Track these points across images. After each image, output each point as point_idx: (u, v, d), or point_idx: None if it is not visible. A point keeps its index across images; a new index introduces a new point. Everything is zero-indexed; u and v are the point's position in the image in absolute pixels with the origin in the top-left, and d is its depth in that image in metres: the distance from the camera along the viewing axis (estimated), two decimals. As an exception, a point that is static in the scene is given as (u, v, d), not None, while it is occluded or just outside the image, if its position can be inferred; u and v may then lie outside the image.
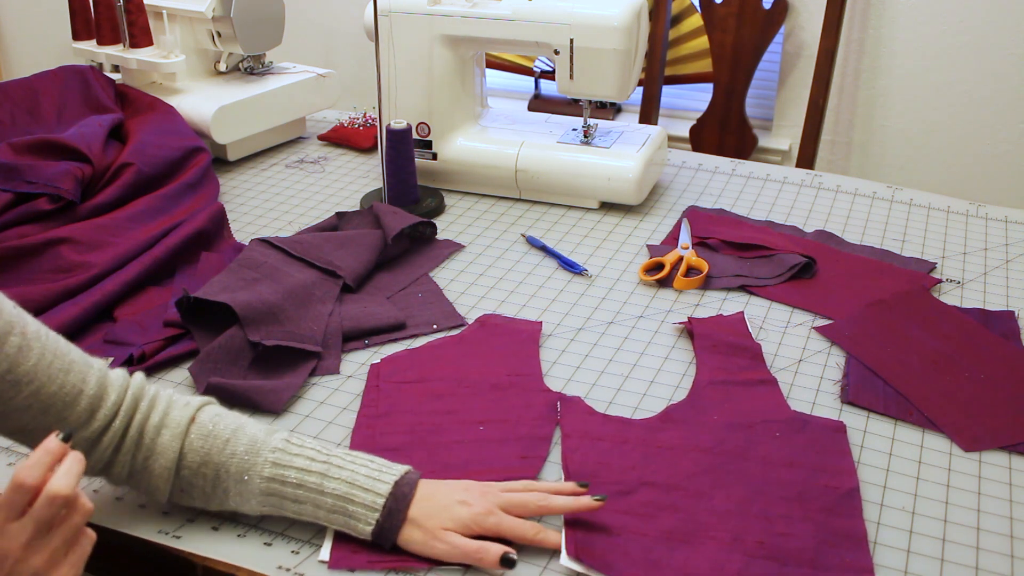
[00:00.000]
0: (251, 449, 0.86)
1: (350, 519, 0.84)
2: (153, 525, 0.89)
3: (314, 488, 0.85)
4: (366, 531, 0.84)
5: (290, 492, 0.85)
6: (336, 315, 1.18)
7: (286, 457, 0.85)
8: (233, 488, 0.86)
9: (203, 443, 0.86)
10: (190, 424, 0.86)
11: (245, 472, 0.85)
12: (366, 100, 2.64)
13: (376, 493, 0.84)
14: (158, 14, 1.65)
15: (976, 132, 2.29)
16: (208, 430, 0.86)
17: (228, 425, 0.87)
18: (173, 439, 0.85)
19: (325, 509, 0.85)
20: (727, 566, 0.83)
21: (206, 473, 0.86)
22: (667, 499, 0.90)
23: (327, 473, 0.85)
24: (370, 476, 0.85)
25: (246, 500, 0.86)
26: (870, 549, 0.86)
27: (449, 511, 0.85)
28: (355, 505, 0.84)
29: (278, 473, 0.85)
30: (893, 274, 1.30)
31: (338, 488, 0.84)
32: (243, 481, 0.85)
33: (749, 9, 2.33)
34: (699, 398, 1.05)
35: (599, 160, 1.49)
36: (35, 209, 1.29)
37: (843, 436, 0.98)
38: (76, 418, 0.82)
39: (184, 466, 0.86)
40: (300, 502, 0.85)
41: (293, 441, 0.87)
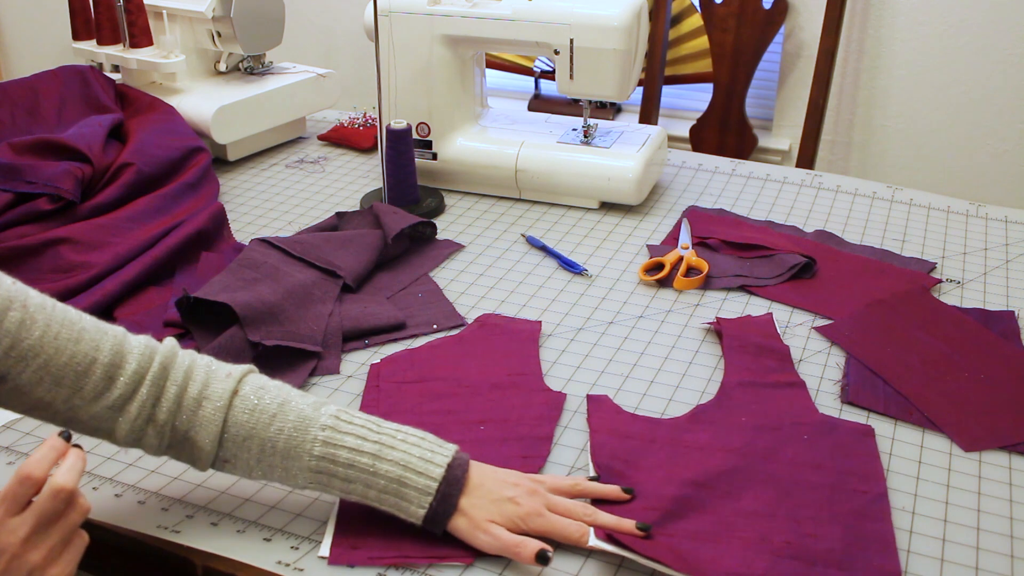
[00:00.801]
0: (299, 426, 0.84)
1: (402, 501, 0.84)
2: (152, 521, 0.89)
3: (366, 469, 0.83)
4: (419, 514, 0.84)
5: (341, 471, 0.83)
6: (336, 315, 1.18)
7: (336, 436, 0.84)
8: (280, 464, 0.84)
9: (248, 417, 0.84)
10: (233, 396, 0.85)
11: (293, 449, 0.83)
12: (366, 100, 2.64)
13: (430, 477, 0.83)
14: (158, 14, 1.65)
15: (976, 132, 2.29)
16: (253, 404, 0.85)
17: (274, 399, 0.85)
18: (216, 412, 0.84)
19: (377, 490, 0.84)
20: (754, 566, 0.83)
21: (251, 447, 0.84)
22: (695, 498, 0.90)
23: (380, 454, 0.84)
24: (423, 459, 0.84)
25: (293, 476, 0.85)
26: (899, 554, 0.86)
27: (499, 506, 0.85)
28: (408, 488, 0.83)
29: (329, 452, 0.83)
30: (893, 274, 1.30)
31: (391, 471, 0.83)
32: (291, 458, 0.84)
33: (749, 9, 2.34)
34: (728, 399, 1.05)
35: (599, 160, 1.49)
36: (35, 209, 1.29)
37: (872, 440, 0.98)
38: (92, 387, 0.81)
39: (228, 439, 0.84)
40: (350, 481, 0.84)
41: (342, 418, 0.85)
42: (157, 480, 0.94)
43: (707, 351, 1.15)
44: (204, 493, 0.93)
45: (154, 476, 0.95)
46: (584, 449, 0.98)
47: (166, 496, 0.92)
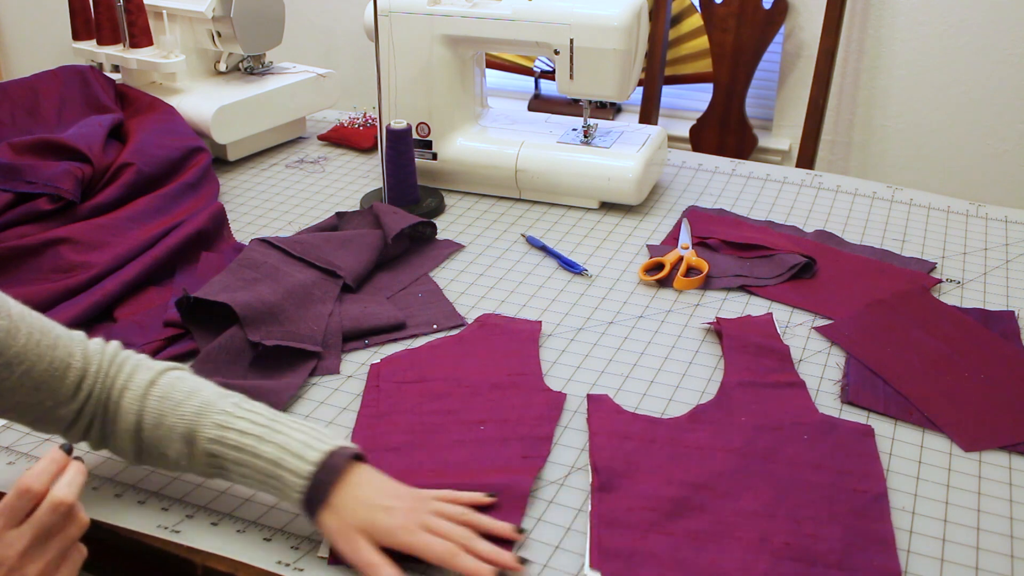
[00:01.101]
0: (201, 411, 0.85)
1: (284, 486, 0.83)
2: (152, 521, 0.89)
3: (250, 450, 0.83)
4: (298, 500, 0.82)
5: (231, 454, 0.84)
6: (336, 315, 1.18)
7: (230, 420, 0.85)
8: (183, 450, 0.85)
9: (159, 404, 0.86)
10: (150, 386, 0.87)
11: (192, 433, 0.85)
12: (366, 100, 2.64)
13: (306, 460, 0.82)
14: (158, 14, 1.65)
15: (976, 132, 2.29)
16: (165, 392, 0.87)
17: (185, 388, 0.87)
18: (133, 401, 0.86)
19: (261, 473, 0.83)
20: (754, 567, 0.83)
21: (160, 435, 0.86)
22: (695, 499, 0.90)
23: (264, 436, 0.84)
24: (304, 443, 0.83)
25: (195, 463, 0.86)
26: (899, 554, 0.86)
27: (370, 513, 0.82)
28: (285, 470, 0.82)
29: (220, 435, 0.84)
30: (893, 274, 1.30)
31: (272, 452, 0.83)
32: (191, 442, 0.85)
33: (749, 9, 2.34)
34: (728, 399, 1.05)
35: (599, 160, 1.49)
36: (35, 209, 1.29)
37: (871, 440, 0.98)
38: (65, 391, 0.85)
39: (143, 427, 0.86)
40: (240, 464, 0.84)
41: (243, 406, 0.86)
42: (157, 480, 0.94)
43: (707, 351, 1.15)
44: (204, 493, 0.93)
45: (154, 476, 0.95)
46: (584, 449, 0.98)
47: (166, 496, 0.92)
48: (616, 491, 0.91)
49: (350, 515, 0.81)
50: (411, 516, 0.82)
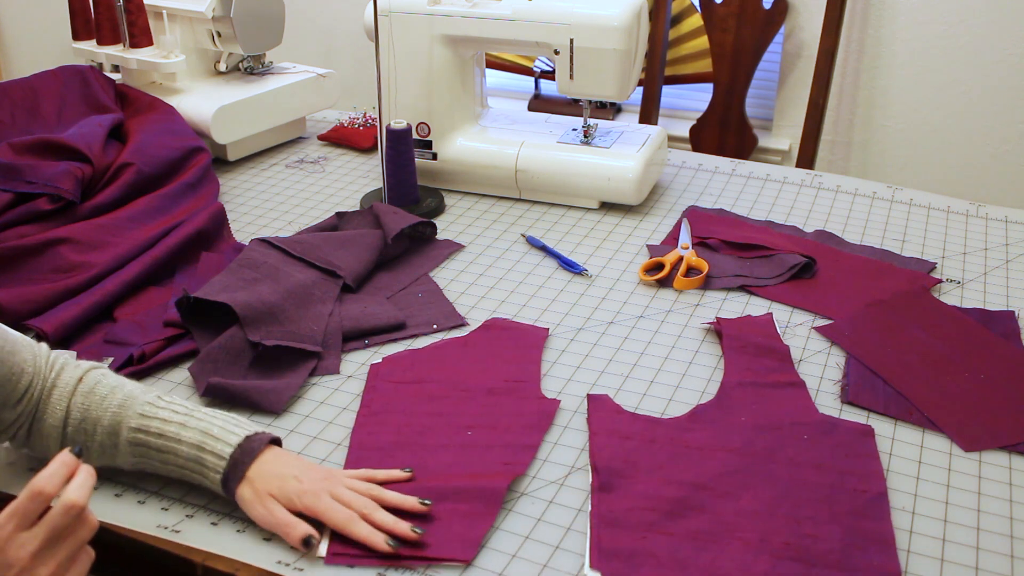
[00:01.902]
0: (124, 404, 0.90)
1: (204, 468, 0.88)
2: (152, 520, 0.89)
3: (172, 437, 0.89)
4: (216, 480, 0.88)
5: (154, 442, 0.89)
6: (336, 315, 1.18)
7: (152, 409, 0.90)
8: (108, 442, 0.90)
9: (84, 400, 0.90)
10: (77, 384, 0.91)
11: (116, 424, 0.89)
12: (366, 100, 2.64)
13: (226, 443, 0.88)
14: (158, 14, 1.65)
15: (976, 132, 2.29)
16: (90, 388, 0.91)
17: (109, 384, 0.92)
18: (61, 399, 0.90)
19: (183, 458, 0.89)
20: (754, 567, 0.83)
21: (86, 429, 0.90)
22: (695, 499, 0.90)
23: (185, 423, 0.89)
24: (224, 428, 0.89)
25: (120, 453, 0.90)
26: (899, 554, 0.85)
27: (281, 480, 0.87)
28: (206, 454, 0.88)
29: (143, 423, 0.89)
30: (893, 274, 1.30)
31: (193, 437, 0.89)
32: (115, 434, 0.90)
33: (749, 9, 2.34)
34: (727, 399, 1.05)
35: (599, 160, 1.49)
36: (35, 209, 1.29)
37: (871, 440, 0.98)
38: (16, 395, 0.88)
39: (69, 423, 0.90)
40: (162, 451, 0.89)
41: (164, 397, 0.92)
42: (157, 480, 0.94)
43: (707, 351, 1.15)
44: (204, 493, 0.92)
45: (154, 476, 0.95)
46: (584, 449, 0.98)
47: (166, 496, 0.92)
48: (616, 491, 0.91)
49: (263, 484, 0.87)
50: (320, 484, 0.88)
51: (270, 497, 0.87)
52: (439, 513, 0.88)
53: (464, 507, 0.89)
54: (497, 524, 0.89)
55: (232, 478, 0.87)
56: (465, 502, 0.89)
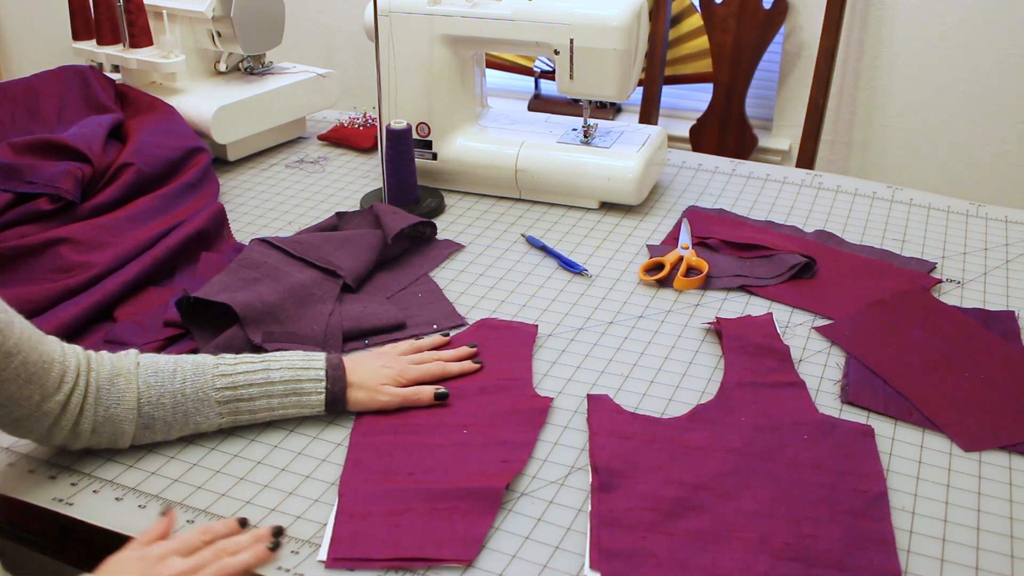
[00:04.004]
0: (197, 371, 0.97)
1: (302, 396, 0.99)
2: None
3: (262, 382, 0.98)
4: (319, 401, 1.00)
5: (243, 393, 0.97)
6: (336, 315, 1.18)
7: (228, 368, 0.98)
8: (192, 408, 0.96)
9: (155, 379, 0.96)
10: (137, 368, 0.96)
11: (200, 390, 0.96)
12: (366, 100, 2.64)
13: (316, 368, 1.00)
14: (158, 14, 1.65)
15: (976, 132, 2.29)
16: (155, 367, 0.96)
17: (167, 360, 0.98)
18: (128, 382, 0.94)
19: (278, 396, 0.98)
20: (754, 567, 0.83)
21: (165, 403, 0.95)
22: (694, 499, 0.90)
23: (269, 367, 0.99)
24: (305, 359, 1.01)
25: (206, 416, 0.97)
26: (899, 554, 0.85)
27: (379, 372, 1.03)
28: (303, 382, 0.99)
29: (228, 381, 0.97)
30: (893, 274, 1.30)
31: (284, 374, 0.99)
32: (200, 399, 0.96)
33: (749, 9, 2.34)
34: (728, 399, 1.04)
35: (599, 160, 1.49)
36: (35, 209, 1.29)
37: (871, 440, 0.98)
38: (52, 383, 0.90)
39: (144, 403, 0.95)
40: (254, 399, 0.98)
41: (227, 358, 1.00)
42: (158, 483, 0.94)
43: (707, 351, 1.15)
44: (205, 497, 0.93)
45: (155, 479, 0.95)
46: (584, 449, 0.98)
47: (167, 500, 0.92)
48: (616, 491, 0.91)
49: (371, 380, 1.02)
50: (401, 362, 1.06)
51: (383, 386, 1.02)
52: (439, 514, 0.88)
53: (464, 507, 0.89)
54: (497, 524, 0.89)
55: (338, 391, 1.00)
56: (465, 502, 0.89)
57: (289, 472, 0.96)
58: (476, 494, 0.90)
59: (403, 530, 0.87)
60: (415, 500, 0.90)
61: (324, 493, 0.93)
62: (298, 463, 0.97)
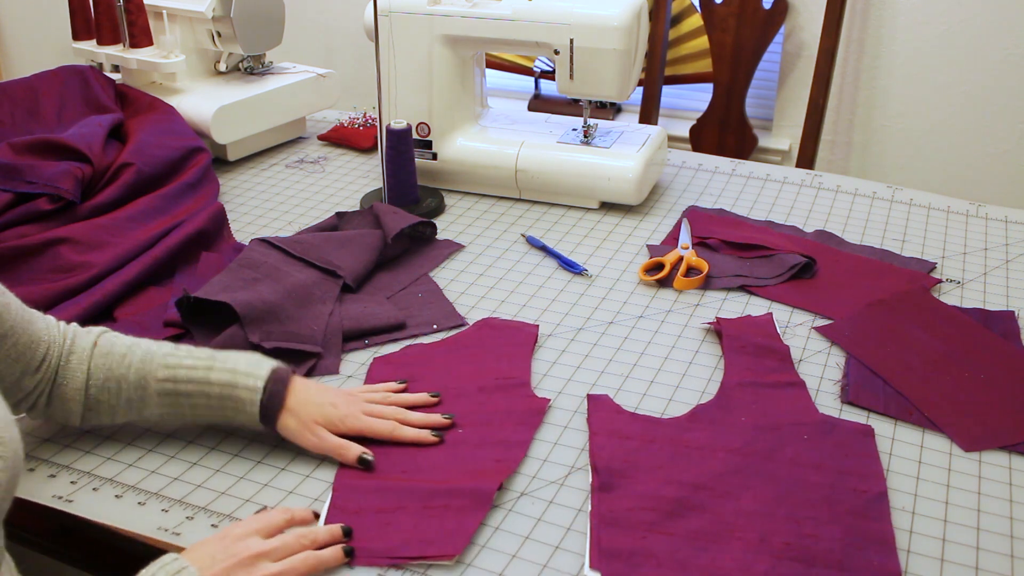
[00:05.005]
0: (145, 358, 0.95)
1: (236, 403, 0.94)
2: (152, 522, 0.89)
3: (201, 380, 0.94)
4: (253, 413, 0.94)
5: (182, 388, 0.94)
6: (336, 315, 1.18)
7: (175, 359, 0.95)
8: (135, 396, 0.94)
9: (105, 360, 0.95)
10: (93, 347, 0.95)
11: (143, 378, 0.94)
12: (366, 100, 2.64)
13: (257, 376, 0.94)
14: (158, 14, 1.65)
15: (976, 132, 2.29)
16: (108, 349, 0.95)
17: (125, 343, 0.96)
18: (80, 362, 0.94)
19: (215, 398, 0.94)
20: (754, 567, 0.83)
21: (110, 387, 0.94)
22: (694, 499, 0.90)
23: (212, 366, 0.94)
24: (249, 364, 0.95)
25: (147, 405, 0.95)
26: (899, 554, 0.85)
27: (321, 408, 0.95)
28: (239, 389, 0.93)
29: (170, 373, 0.94)
30: (893, 274, 1.30)
31: (222, 376, 0.94)
32: (142, 387, 0.94)
33: (749, 9, 2.33)
34: (728, 399, 1.04)
35: (599, 160, 1.49)
36: (35, 209, 1.29)
37: (871, 440, 0.98)
38: (35, 363, 0.92)
39: (91, 385, 0.94)
40: (192, 395, 0.94)
41: (183, 349, 0.97)
42: (158, 481, 0.94)
43: (707, 351, 1.15)
44: (204, 495, 0.93)
45: (154, 477, 0.95)
46: (584, 449, 0.98)
47: (166, 497, 0.92)
48: (616, 491, 0.91)
49: (306, 413, 0.95)
50: (353, 406, 0.97)
51: (316, 425, 0.94)
52: (431, 512, 0.88)
53: (456, 505, 0.89)
54: (497, 524, 0.89)
55: (271, 408, 0.93)
56: (457, 500, 0.89)
57: (289, 472, 0.96)
58: (468, 493, 0.90)
59: (393, 528, 0.87)
60: (407, 498, 0.90)
61: (323, 492, 0.93)
62: (297, 463, 0.97)
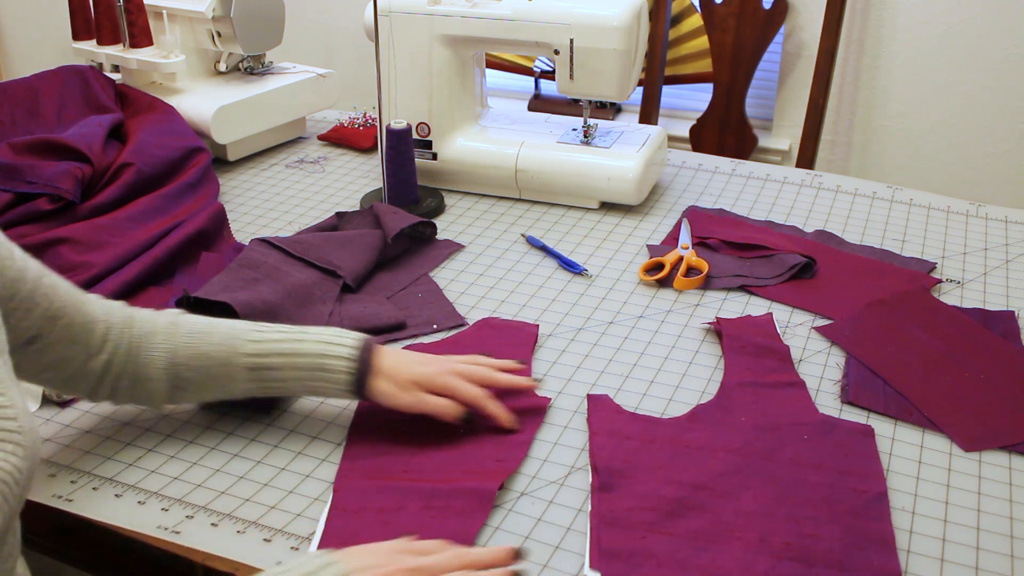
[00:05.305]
0: (231, 335, 0.96)
1: (327, 373, 0.95)
2: (152, 521, 0.89)
3: (291, 352, 0.95)
4: (343, 381, 0.95)
5: (272, 361, 0.95)
6: (336, 315, 1.18)
7: (261, 335, 0.96)
8: (221, 372, 0.95)
9: (188, 340, 0.95)
10: (173, 327, 0.96)
11: (230, 355, 0.95)
12: (366, 100, 2.64)
13: (347, 346, 0.95)
14: (158, 14, 1.65)
15: (976, 132, 2.29)
16: (190, 328, 0.96)
17: (205, 322, 0.97)
18: (165, 341, 0.95)
19: (305, 369, 0.95)
20: (753, 567, 0.83)
21: (195, 366, 0.95)
22: (694, 499, 0.90)
23: (300, 339, 0.96)
24: (337, 335, 0.97)
25: (234, 380, 0.95)
26: (899, 554, 0.85)
27: (410, 367, 0.96)
28: (330, 359, 0.95)
29: (258, 348, 0.95)
30: (893, 274, 1.30)
31: (313, 348, 0.95)
32: (229, 364, 0.95)
33: (749, 9, 2.34)
34: (728, 399, 1.04)
35: (599, 160, 1.49)
36: (35, 209, 1.29)
37: (871, 440, 0.98)
38: (95, 344, 0.92)
39: (177, 363, 0.95)
40: (281, 369, 0.95)
41: (262, 324, 0.98)
42: (157, 481, 0.94)
43: (707, 351, 1.15)
44: (204, 494, 0.93)
45: (154, 476, 0.95)
46: (584, 449, 0.98)
47: (166, 496, 0.92)
48: (616, 491, 0.91)
49: (397, 374, 0.96)
50: (444, 366, 0.98)
51: (413, 384, 0.95)
52: (432, 512, 0.88)
53: (457, 506, 0.89)
54: (497, 524, 0.89)
55: (364, 373, 0.95)
56: (458, 501, 0.89)
57: (289, 471, 0.96)
58: (469, 493, 0.90)
59: (394, 528, 0.87)
60: (408, 498, 0.90)
61: (324, 492, 0.93)
62: (298, 463, 0.97)
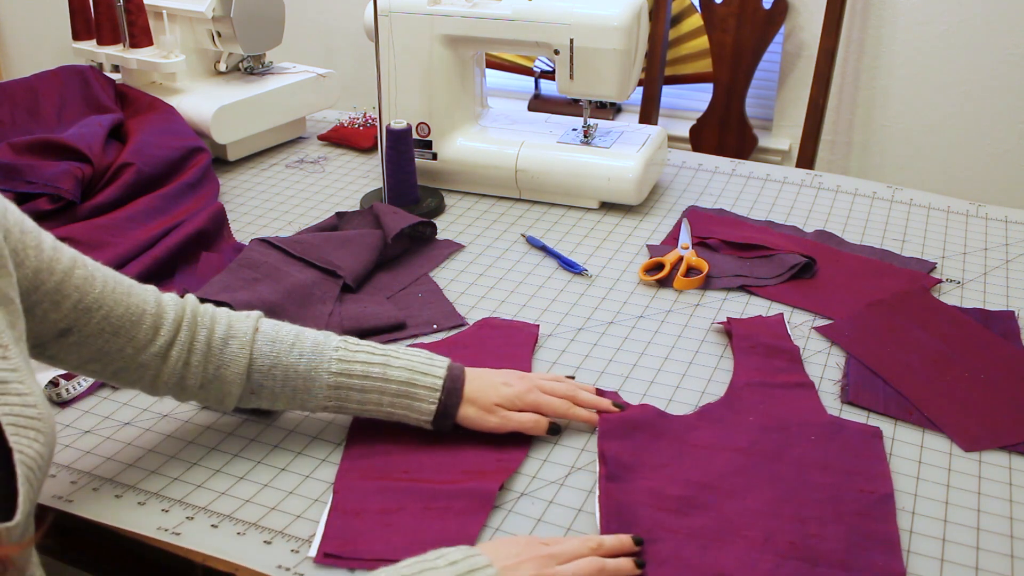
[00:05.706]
0: (316, 350, 0.94)
1: (413, 401, 0.94)
2: (152, 522, 0.89)
3: (379, 377, 0.94)
4: (429, 411, 0.95)
5: (356, 383, 0.94)
6: (336, 315, 1.18)
7: (349, 354, 0.95)
8: (302, 386, 0.94)
9: (271, 348, 0.94)
10: (255, 333, 0.94)
11: (313, 370, 0.94)
12: (366, 100, 2.64)
13: (435, 376, 0.95)
14: (158, 14, 1.65)
15: (976, 132, 2.29)
16: (273, 336, 0.95)
17: (290, 331, 0.96)
18: (242, 347, 0.93)
19: (390, 395, 0.94)
20: (758, 566, 0.83)
21: (276, 375, 0.94)
22: (700, 498, 0.90)
23: (388, 363, 0.95)
24: (425, 363, 0.96)
25: (313, 396, 0.95)
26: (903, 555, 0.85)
27: (496, 389, 0.97)
28: (418, 388, 0.94)
29: (344, 368, 0.94)
30: (893, 274, 1.30)
31: (401, 375, 0.94)
32: (312, 378, 0.94)
33: (749, 9, 2.34)
34: (736, 398, 1.04)
35: (599, 160, 1.49)
36: (35, 209, 1.29)
37: (879, 441, 0.98)
38: (144, 335, 0.90)
39: (255, 370, 0.94)
40: (365, 391, 0.94)
41: (350, 341, 0.96)
42: (158, 481, 0.94)
43: (707, 351, 1.15)
44: (204, 495, 0.93)
45: (155, 477, 0.95)
46: (584, 449, 0.98)
47: (166, 497, 0.92)
48: (623, 483, 0.91)
49: (484, 397, 0.96)
50: (526, 383, 0.99)
51: (497, 407, 0.96)
52: (433, 513, 0.88)
53: (457, 506, 0.89)
54: (497, 524, 0.89)
55: (451, 404, 0.95)
56: (458, 502, 0.89)
57: (289, 472, 0.96)
58: (469, 494, 0.90)
59: (395, 529, 0.87)
60: (409, 499, 0.90)
61: (324, 492, 0.93)
62: (298, 463, 0.97)
